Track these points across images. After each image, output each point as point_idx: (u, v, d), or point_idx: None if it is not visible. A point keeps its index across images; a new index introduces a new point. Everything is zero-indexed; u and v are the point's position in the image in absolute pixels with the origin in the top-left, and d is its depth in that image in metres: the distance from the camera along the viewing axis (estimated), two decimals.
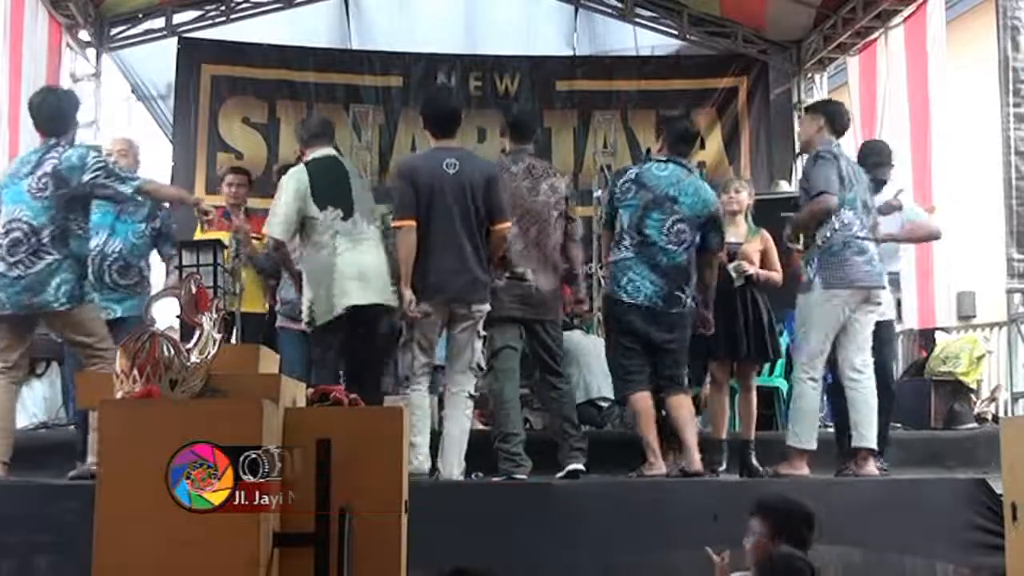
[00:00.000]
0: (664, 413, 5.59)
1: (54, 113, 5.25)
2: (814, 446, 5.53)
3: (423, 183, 5.19)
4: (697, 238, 5.59)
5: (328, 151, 5.59)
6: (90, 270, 5.73)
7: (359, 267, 5.28)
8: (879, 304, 5.63)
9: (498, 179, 5.37)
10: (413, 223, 5.16)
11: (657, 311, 5.45)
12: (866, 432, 5.46)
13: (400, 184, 5.31)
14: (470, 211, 5.21)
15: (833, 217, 5.48)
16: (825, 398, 8.49)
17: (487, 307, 5.32)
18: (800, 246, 5.71)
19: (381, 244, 5.43)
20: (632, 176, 5.60)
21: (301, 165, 5.53)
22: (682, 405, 5.53)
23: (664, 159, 5.65)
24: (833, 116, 5.76)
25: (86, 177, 5.06)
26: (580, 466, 5.35)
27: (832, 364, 8.06)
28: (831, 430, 7.61)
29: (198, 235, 6.59)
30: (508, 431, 5.34)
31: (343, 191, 5.41)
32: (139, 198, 5.48)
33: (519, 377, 5.63)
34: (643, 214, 5.50)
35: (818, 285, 5.49)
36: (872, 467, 5.46)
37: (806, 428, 5.51)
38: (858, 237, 5.50)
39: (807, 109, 6.81)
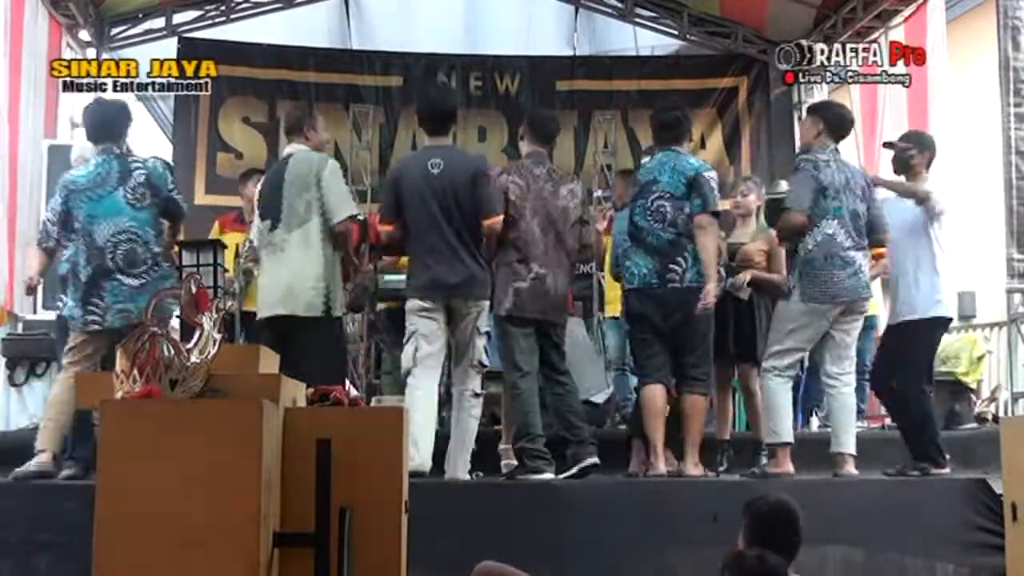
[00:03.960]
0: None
1: (103, 120, 5.29)
2: (791, 439, 5.48)
3: (407, 186, 5.31)
4: (686, 211, 5.44)
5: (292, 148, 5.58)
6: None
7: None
8: (863, 312, 5.59)
9: (484, 174, 5.37)
10: (390, 227, 5.37)
11: (653, 291, 5.42)
12: (844, 438, 5.45)
13: (386, 188, 5.46)
14: (452, 210, 5.24)
15: (815, 228, 5.37)
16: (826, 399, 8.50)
17: (487, 303, 5.34)
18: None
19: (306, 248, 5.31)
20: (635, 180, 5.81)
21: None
22: (694, 407, 5.44)
23: (656, 152, 5.70)
24: (834, 120, 5.62)
25: (169, 188, 5.25)
26: (596, 460, 5.23)
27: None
28: (828, 430, 7.65)
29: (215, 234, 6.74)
30: (533, 431, 5.26)
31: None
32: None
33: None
34: (633, 206, 5.60)
35: (797, 297, 5.42)
36: (851, 469, 5.43)
37: (780, 422, 5.45)
38: (843, 249, 5.39)
39: (809, 110, 6.68)
